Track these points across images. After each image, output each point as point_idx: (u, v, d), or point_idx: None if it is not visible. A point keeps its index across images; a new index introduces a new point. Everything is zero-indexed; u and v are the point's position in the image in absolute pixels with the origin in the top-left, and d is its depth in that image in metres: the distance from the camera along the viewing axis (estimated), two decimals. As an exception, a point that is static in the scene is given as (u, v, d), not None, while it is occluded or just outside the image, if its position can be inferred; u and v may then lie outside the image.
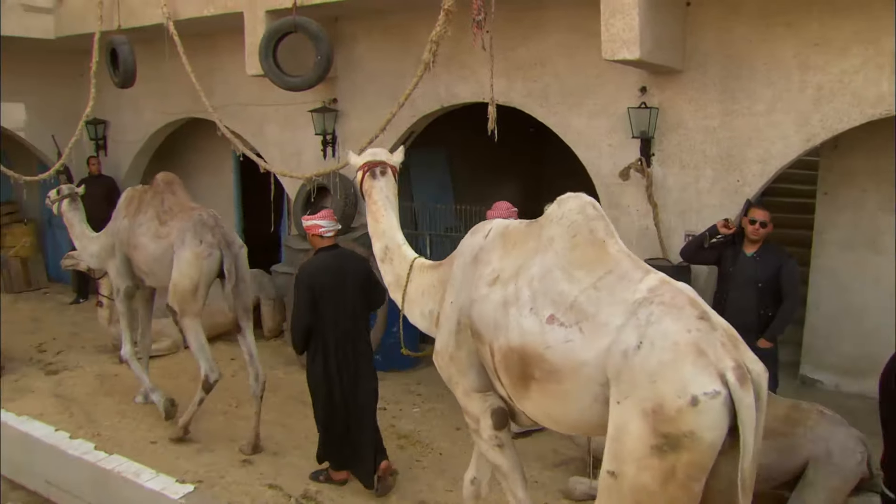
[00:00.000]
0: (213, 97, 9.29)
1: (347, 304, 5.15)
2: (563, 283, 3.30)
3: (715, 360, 2.87)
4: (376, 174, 4.45)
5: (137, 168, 11.26)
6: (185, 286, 5.97)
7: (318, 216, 5.32)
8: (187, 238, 5.99)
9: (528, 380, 3.34)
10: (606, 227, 3.42)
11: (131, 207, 6.59)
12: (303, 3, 6.94)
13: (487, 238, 3.80)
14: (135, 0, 8.52)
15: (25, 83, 10.68)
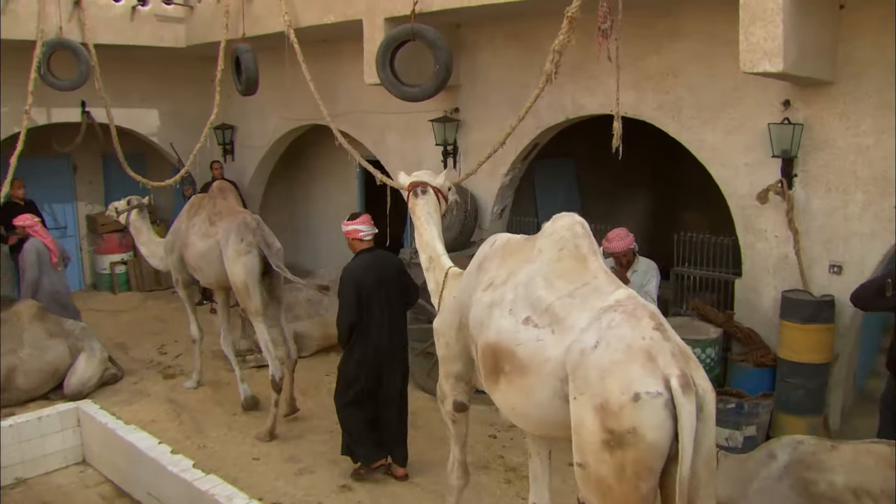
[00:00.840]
0: (336, 104, 9.66)
1: (387, 300, 5.76)
2: (543, 289, 3.78)
3: (662, 366, 3.22)
4: (418, 193, 5.16)
5: (262, 172, 11.82)
6: (235, 281, 6.86)
7: (357, 221, 5.89)
8: (231, 238, 6.86)
9: (498, 373, 3.83)
10: (590, 245, 3.90)
11: (192, 211, 7.55)
12: (422, 10, 7.01)
13: (493, 248, 4.40)
14: (259, 8, 8.91)
15: (158, 90, 11.49)
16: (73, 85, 9.51)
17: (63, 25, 9.36)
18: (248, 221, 6.97)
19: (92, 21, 9.62)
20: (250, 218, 7.06)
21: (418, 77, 7.59)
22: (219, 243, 6.97)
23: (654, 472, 3.23)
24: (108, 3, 9.80)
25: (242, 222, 6.94)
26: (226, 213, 7.23)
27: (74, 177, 12.69)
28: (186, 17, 10.37)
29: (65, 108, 10.47)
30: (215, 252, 7.01)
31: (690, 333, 6.27)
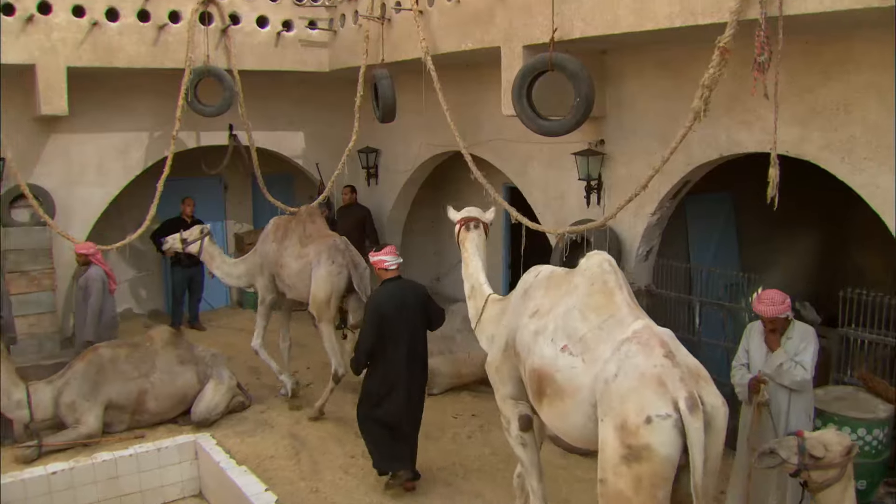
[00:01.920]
0: (478, 131, 9.65)
1: (407, 325, 6.48)
2: (578, 321, 4.58)
3: (672, 389, 3.96)
4: (470, 227, 6.12)
5: (406, 198, 11.99)
6: (320, 298, 8.18)
7: (382, 253, 6.67)
8: (322, 259, 8.21)
9: (542, 395, 4.66)
10: (617, 280, 4.69)
11: (278, 233, 8.81)
12: (562, 37, 6.84)
13: (537, 278, 5.24)
14: (398, 34, 9.05)
15: (303, 113, 11.97)
16: (219, 111, 10.05)
17: (210, 53, 9.91)
18: (337, 244, 8.36)
19: (238, 48, 10.16)
20: (339, 240, 8.45)
21: (559, 108, 7.42)
22: (310, 263, 8.29)
23: (668, 481, 3.94)
24: (254, 30, 10.32)
25: (333, 245, 8.32)
26: (316, 235, 8.58)
27: (225, 195, 13.41)
28: (330, 41, 10.74)
29: (214, 131, 11.07)
30: (307, 271, 8.33)
31: (853, 409, 5.72)
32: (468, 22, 8.06)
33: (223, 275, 9.28)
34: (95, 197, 10.69)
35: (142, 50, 9.64)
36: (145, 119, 10.74)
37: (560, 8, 6.84)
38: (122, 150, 10.76)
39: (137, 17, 9.59)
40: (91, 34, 9.32)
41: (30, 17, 9.02)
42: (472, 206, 6.35)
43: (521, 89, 7.02)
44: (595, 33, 6.62)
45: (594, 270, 4.75)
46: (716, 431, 4.01)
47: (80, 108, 10.23)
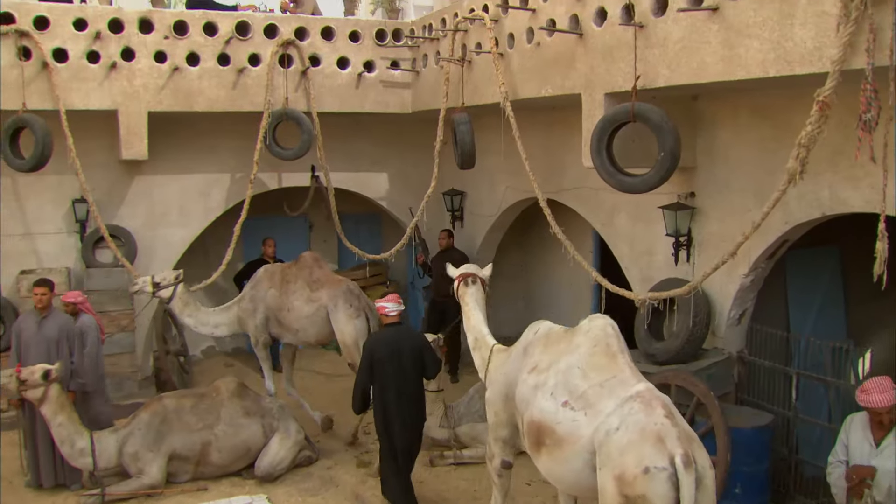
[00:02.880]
0: (562, 177, 9.21)
1: (400, 371, 6.82)
2: (579, 378, 4.94)
3: (670, 446, 4.28)
4: (468, 283, 6.73)
5: (491, 242, 11.60)
6: (348, 342, 8.57)
7: (385, 300, 7.04)
8: (339, 303, 8.61)
9: (540, 445, 5.01)
10: (619, 344, 5.08)
11: (275, 280, 8.97)
12: (645, 85, 6.34)
13: (536, 335, 5.65)
14: (479, 76, 8.72)
15: (387, 153, 11.78)
16: (296, 154, 9.93)
17: (289, 96, 9.80)
18: (351, 288, 8.86)
19: (317, 90, 10.04)
20: (352, 285, 8.95)
21: (643, 158, 6.88)
22: (325, 307, 8.63)
23: None
24: (335, 72, 10.18)
25: (348, 290, 8.79)
26: (325, 280, 8.87)
27: (310, 235, 13.33)
28: (412, 82, 10.50)
29: (295, 172, 10.94)
30: (321, 314, 8.66)
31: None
32: (548, 66, 7.63)
33: (196, 323, 9.20)
34: (177, 238, 10.75)
35: (221, 94, 9.64)
36: (227, 160, 10.75)
37: (643, 54, 6.33)
38: (204, 192, 10.80)
39: (217, 61, 9.62)
40: (171, 79, 9.39)
41: (113, 63, 9.12)
42: (470, 264, 7.29)
43: (599, 142, 6.52)
44: (680, 81, 6.07)
45: (597, 333, 5.17)
46: (706, 489, 4.37)
47: (163, 150, 10.35)
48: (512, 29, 8.15)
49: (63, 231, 10.27)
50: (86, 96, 9.18)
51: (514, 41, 8.15)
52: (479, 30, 8.61)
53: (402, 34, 10.46)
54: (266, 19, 9.88)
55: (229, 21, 9.64)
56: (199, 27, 9.53)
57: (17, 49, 8.87)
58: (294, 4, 11.10)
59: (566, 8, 7.26)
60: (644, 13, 6.31)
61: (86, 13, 9.13)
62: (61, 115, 8.99)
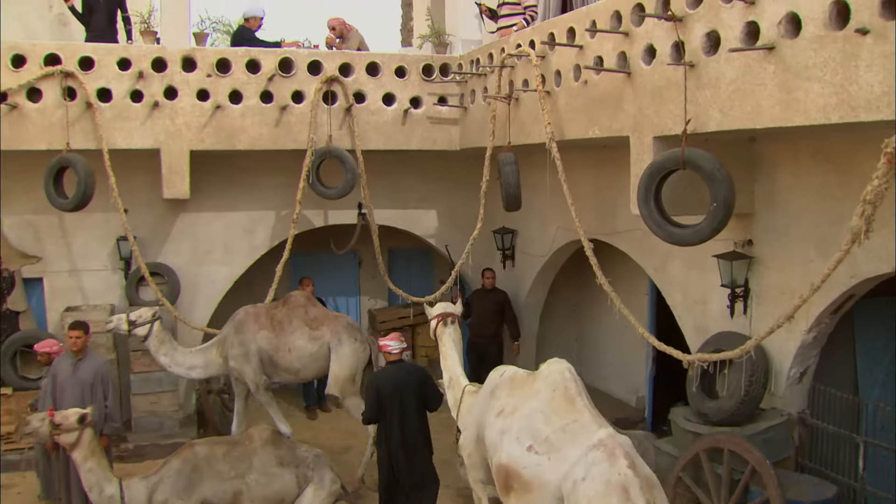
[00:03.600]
0: (615, 219, 8.82)
1: (403, 405, 6.96)
2: (542, 423, 5.13)
3: (633, 496, 4.62)
4: (447, 323, 7.03)
5: (542, 283, 11.21)
6: (345, 375, 8.64)
7: (387, 338, 7.19)
8: (344, 338, 8.70)
9: (509, 489, 5.19)
10: (577, 388, 5.27)
11: (262, 321, 8.85)
12: (697, 129, 5.88)
13: (502, 378, 5.83)
14: (525, 114, 8.37)
15: (436, 190, 11.47)
16: (340, 194, 9.71)
17: (333, 133, 9.59)
18: (351, 323, 8.99)
19: (362, 127, 9.80)
20: (350, 320, 9.06)
21: (696, 205, 6.43)
22: (328, 344, 8.67)
23: None
24: (380, 108, 9.94)
25: (348, 324, 8.91)
26: (322, 317, 8.87)
27: (359, 271, 13.10)
28: (461, 118, 10.18)
29: (342, 209, 10.70)
30: (323, 351, 8.70)
31: None
32: (596, 106, 7.23)
33: (172, 363, 8.89)
34: (221, 276, 10.63)
35: (263, 131, 9.48)
36: (272, 197, 10.60)
37: (694, 95, 5.89)
38: (249, 230, 10.65)
39: (260, 99, 9.47)
40: (214, 117, 9.28)
41: (155, 103, 9.06)
42: (447, 302, 7.40)
43: (647, 190, 6.07)
44: (733, 126, 5.61)
45: (556, 377, 5.39)
46: None
47: (207, 188, 10.27)
48: (559, 66, 7.78)
49: (108, 268, 10.24)
50: (129, 135, 9.12)
51: (560, 79, 7.78)
52: (526, 66, 8.26)
53: (449, 69, 10.17)
54: (310, 56, 9.71)
55: (272, 58, 9.49)
56: (242, 64, 9.41)
57: (62, 89, 8.88)
58: (340, 40, 10.92)
59: (614, 45, 6.87)
60: (695, 51, 5.88)
61: (129, 53, 9.10)
62: (104, 154, 8.94)
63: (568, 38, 7.60)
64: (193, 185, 9.74)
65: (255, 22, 10.28)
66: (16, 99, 8.83)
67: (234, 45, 10.04)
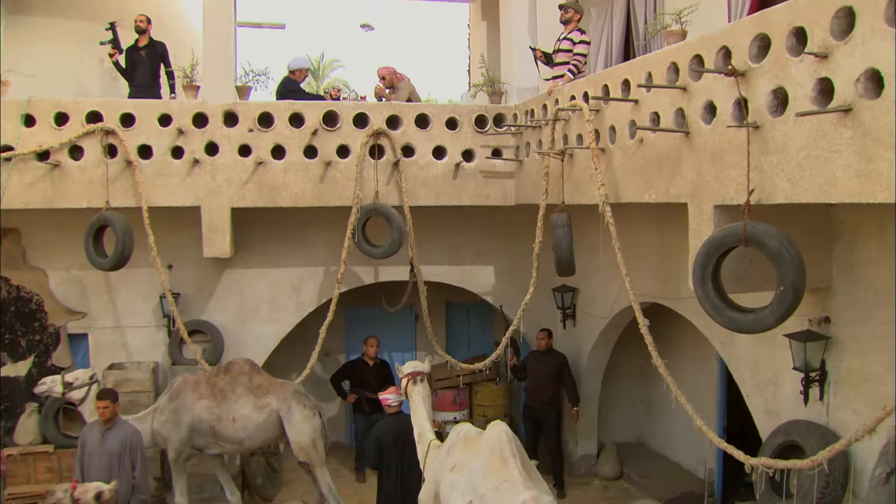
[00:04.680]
0: (681, 283, 8.12)
1: (402, 454, 7.42)
2: (480, 480, 5.61)
3: None
4: (416, 381, 7.09)
5: (604, 346, 10.46)
6: (305, 441, 8.36)
7: (387, 392, 7.70)
8: (293, 405, 8.40)
9: None
10: (511, 450, 5.66)
11: (202, 390, 8.46)
12: (763, 200, 5.15)
13: (458, 436, 6.24)
14: (580, 172, 7.72)
15: (493, 245, 10.89)
16: (386, 253, 9.22)
17: (380, 189, 9.08)
18: (298, 389, 8.69)
19: (411, 182, 9.30)
20: (297, 386, 8.79)
21: (761, 281, 5.65)
22: (276, 412, 8.37)
23: None
24: (430, 162, 9.39)
25: (296, 391, 8.58)
26: (268, 385, 8.56)
27: (416, 326, 12.55)
28: (516, 171, 9.55)
29: (394, 266, 10.17)
30: (272, 420, 8.39)
31: None
32: (652, 167, 6.52)
33: None
34: (267, 333, 10.23)
35: (307, 187, 9.05)
36: (319, 252, 10.15)
37: (758, 161, 5.14)
38: (296, 286, 10.23)
39: (304, 154, 9.06)
40: (255, 173, 8.90)
41: (195, 160, 8.75)
42: (415, 361, 7.48)
43: (703, 269, 5.31)
44: (804, 199, 4.84)
45: (494, 439, 5.76)
46: None
47: (252, 244, 9.93)
48: (613, 121, 7.11)
49: (152, 325, 9.97)
50: (168, 193, 8.83)
51: (615, 135, 7.10)
52: (580, 120, 7.61)
53: (503, 120, 9.59)
54: (355, 108, 9.25)
55: (316, 111, 9.07)
56: (285, 118, 9.02)
57: (103, 147, 8.66)
58: (390, 90, 10.48)
59: (671, 100, 6.17)
60: (759, 111, 5.14)
61: (170, 108, 8.83)
62: (143, 212, 8.66)
63: (622, 91, 6.94)
64: (238, 240, 9.41)
65: (300, 74, 9.95)
66: (58, 157, 8.66)
67: (279, 97, 9.70)
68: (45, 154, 8.65)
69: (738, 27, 5.46)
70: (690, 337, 9.67)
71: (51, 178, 8.67)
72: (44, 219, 9.35)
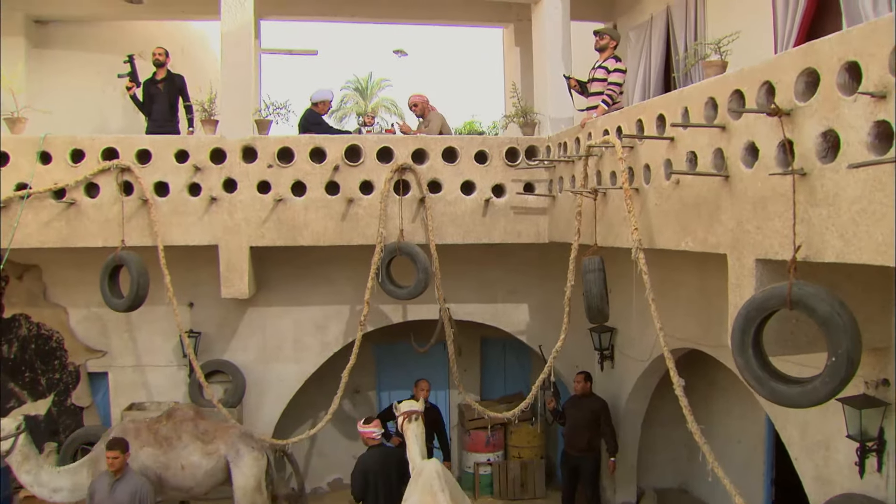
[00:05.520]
0: (723, 329, 7.32)
1: (385, 483, 7.88)
2: None
3: None
4: (412, 419, 7.64)
5: (644, 389, 9.83)
6: (251, 485, 8.25)
7: (371, 426, 8.05)
8: (242, 449, 8.28)
9: None
10: (440, 484, 6.69)
11: (144, 438, 8.16)
12: (811, 257, 4.51)
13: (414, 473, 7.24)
14: (613, 212, 7.15)
15: (527, 282, 10.42)
16: (411, 294, 8.73)
17: (405, 227, 8.61)
18: (246, 431, 8.62)
19: (438, 219, 8.80)
20: (244, 429, 8.73)
21: (808, 342, 5.03)
22: (224, 457, 8.21)
23: None
24: (458, 198, 8.89)
25: (243, 433, 8.51)
26: (214, 430, 8.38)
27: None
28: (549, 207, 8.98)
29: (423, 304, 9.67)
30: (220, 465, 8.22)
31: None
32: (689, 211, 5.92)
33: (34, 482, 8.00)
34: (291, 374, 9.82)
35: (329, 225, 8.61)
36: (344, 290, 9.73)
37: (806, 212, 4.53)
38: (320, 325, 9.81)
39: (325, 190, 8.63)
40: (274, 211, 8.49)
41: (213, 197, 8.40)
42: (411, 401, 8.00)
43: (743, 334, 4.70)
44: (858, 259, 4.20)
45: (426, 475, 6.77)
46: None
47: (275, 282, 9.56)
48: (648, 159, 6.52)
49: (173, 364, 9.64)
50: (185, 232, 8.48)
51: (650, 174, 6.52)
52: (613, 155, 7.06)
53: (536, 152, 9.05)
54: (379, 142, 8.80)
55: (338, 145, 8.64)
56: (306, 153, 8.60)
57: (119, 185, 8.36)
58: (421, 120, 10.02)
59: (709, 139, 5.57)
60: (806, 155, 4.52)
61: (187, 144, 8.48)
62: (159, 252, 8.32)
63: (657, 127, 6.37)
64: (260, 278, 9.05)
65: (323, 106, 9.55)
66: (73, 195, 8.37)
67: (301, 131, 9.30)
68: (61, 192, 8.38)
69: (783, 60, 4.85)
70: (736, 378, 9.01)
71: (66, 217, 8.39)
72: (64, 256, 9.09)
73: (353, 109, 48.41)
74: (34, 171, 8.23)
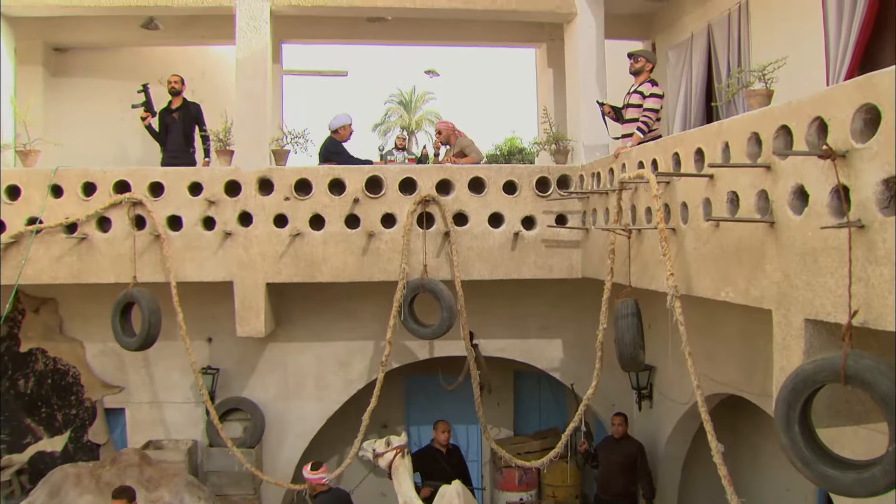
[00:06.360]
0: (768, 377, 6.70)
1: None
2: None
3: None
4: (404, 454, 8.04)
5: (684, 432, 9.19)
6: None
7: (319, 472, 7.63)
8: (186, 498, 8.06)
9: None
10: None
11: (84, 484, 7.89)
12: (869, 323, 3.90)
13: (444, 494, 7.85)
14: (649, 252, 6.55)
15: (561, 317, 9.86)
16: (434, 334, 8.26)
17: (429, 262, 8.12)
18: (191, 480, 8.35)
19: (464, 253, 8.30)
20: (190, 477, 8.42)
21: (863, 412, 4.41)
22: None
23: None
24: (485, 231, 8.36)
25: (188, 482, 8.25)
26: (159, 477, 8.13)
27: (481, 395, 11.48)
28: (582, 240, 8.41)
29: (450, 340, 9.13)
30: None
31: None
32: (729, 258, 5.32)
33: None
34: (312, 412, 9.38)
35: (349, 260, 8.16)
36: (368, 325, 9.26)
37: (863, 271, 3.91)
38: (343, 362, 9.36)
39: (345, 224, 8.18)
40: (292, 245, 8.07)
41: (227, 232, 8.01)
42: (401, 437, 8.26)
43: (789, 408, 4.09)
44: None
45: (447, 497, 7.77)
46: None
47: (295, 316, 9.14)
48: (685, 196, 5.93)
49: (191, 401, 9.26)
50: (199, 267, 8.10)
51: (687, 213, 5.94)
52: (650, 191, 6.49)
53: (569, 181, 8.51)
54: (401, 172, 8.35)
55: (359, 176, 8.20)
56: (325, 185, 8.18)
57: (130, 219, 8.01)
58: (447, 147, 9.54)
59: (752, 180, 4.97)
60: (865, 204, 3.90)
61: (201, 176, 8.13)
62: (172, 289, 7.95)
63: (695, 162, 5.79)
64: (280, 313, 8.66)
65: (344, 132, 9.01)
66: (85, 229, 8.06)
67: (322, 161, 8.86)
68: (72, 226, 8.07)
69: (836, 93, 4.24)
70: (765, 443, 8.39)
71: (78, 252, 8.07)
72: (79, 289, 8.77)
73: (397, 123, 48.40)
74: (45, 205, 7.95)
